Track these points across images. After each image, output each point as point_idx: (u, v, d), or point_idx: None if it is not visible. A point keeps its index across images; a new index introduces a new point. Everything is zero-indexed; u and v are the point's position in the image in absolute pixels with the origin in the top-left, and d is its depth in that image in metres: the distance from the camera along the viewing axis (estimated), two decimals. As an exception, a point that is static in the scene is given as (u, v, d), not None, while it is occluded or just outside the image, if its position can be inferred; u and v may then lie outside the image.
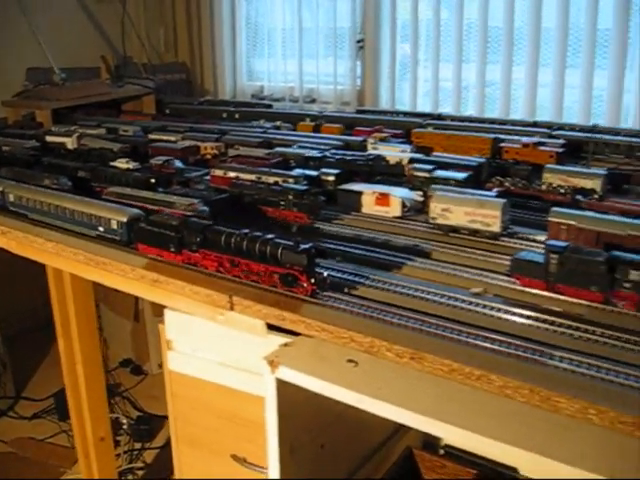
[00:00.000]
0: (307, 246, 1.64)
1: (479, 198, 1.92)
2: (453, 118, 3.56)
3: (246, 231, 1.74)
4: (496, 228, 1.88)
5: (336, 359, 1.58)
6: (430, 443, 2.31)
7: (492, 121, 3.40)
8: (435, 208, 1.96)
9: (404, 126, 3.18)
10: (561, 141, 2.82)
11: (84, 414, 2.93)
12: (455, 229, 1.95)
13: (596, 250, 1.54)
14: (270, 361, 1.60)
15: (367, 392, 1.45)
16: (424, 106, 4.28)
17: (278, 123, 3.43)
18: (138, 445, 3.81)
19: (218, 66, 5.00)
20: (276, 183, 2.22)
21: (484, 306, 1.54)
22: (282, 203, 2.10)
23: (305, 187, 2.11)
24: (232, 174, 2.34)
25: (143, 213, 2.04)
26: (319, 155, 2.54)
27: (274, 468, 1.74)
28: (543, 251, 1.59)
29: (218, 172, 2.41)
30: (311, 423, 1.82)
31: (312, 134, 3.20)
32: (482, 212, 1.88)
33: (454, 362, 1.34)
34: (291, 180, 2.23)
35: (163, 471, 3.51)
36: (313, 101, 4.67)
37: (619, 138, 2.91)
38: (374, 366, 1.54)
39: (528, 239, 1.91)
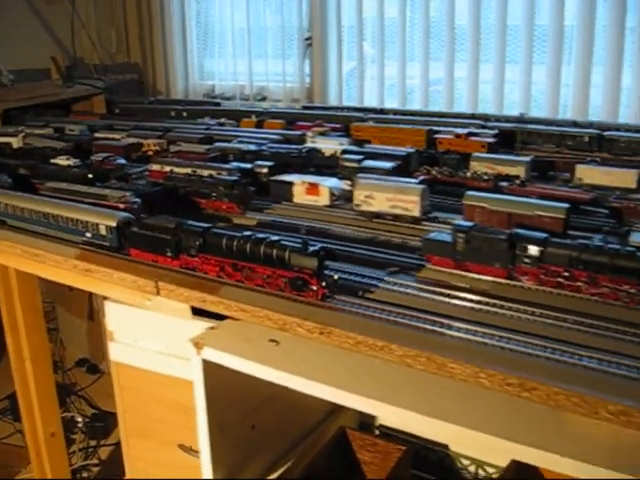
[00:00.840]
0: (317, 248, 1.56)
1: (399, 185, 2.01)
2: (395, 112, 3.65)
3: (249, 233, 1.67)
4: (416, 213, 1.96)
5: (259, 339, 1.65)
6: (366, 423, 2.38)
7: (432, 114, 3.50)
8: (359, 195, 2.03)
9: (344, 120, 3.25)
10: (493, 132, 2.92)
11: (34, 410, 2.95)
12: (378, 215, 2.03)
13: (499, 229, 1.62)
14: (195, 343, 1.67)
15: (284, 368, 1.52)
16: (371, 102, 4.36)
17: (222, 120, 3.49)
18: (93, 442, 3.83)
19: (170, 66, 5.04)
20: (210, 176, 2.28)
21: (395, 284, 1.62)
22: (214, 194, 2.16)
23: (235, 178, 2.17)
24: (168, 168, 2.40)
25: (134, 217, 1.96)
26: (255, 149, 2.61)
27: (204, 448, 1.80)
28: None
29: (155, 167, 2.46)
30: (241, 404, 1.88)
31: (254, 129, 3.27)
32: (402, 198, 1.96)
33: (359, 335, 1.41)
34: (224, 172, 2.29)
35: (118, 467, 3.54)
36: (264, 99, 4.73)
37: (548, 128, 3.01)
38: (294, 345, 1.61)
39: (447, 223, 1.99)
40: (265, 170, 2.38)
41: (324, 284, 1.55)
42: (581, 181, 2.35)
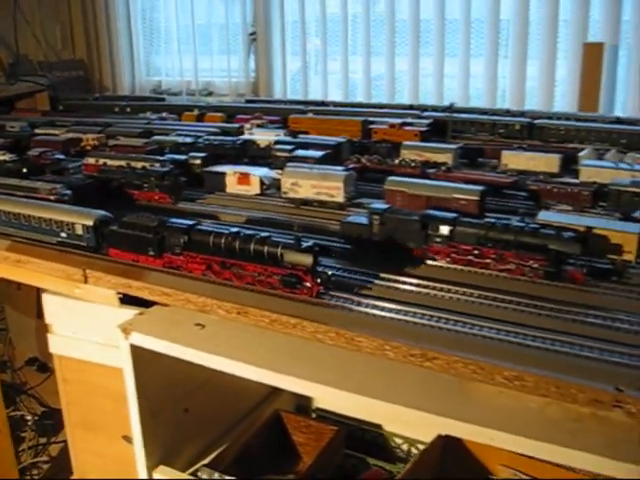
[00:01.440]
0: (310, 244, 1.52)
1: (324, 172, 2.06)
2: (336, 104, 3.71)
3: (237, 230, 1.62)
4: (340, 199, 2.01)
5: (185, 323, 1.69)
6: (302, 407, 2.44)
7: (371, 106, 3.57)
8: (285, 183, 2.08)
9: (283, 113, 3.30)
10: (427, 121, 2.99)
11: (-21, 408, 2.95)
12: (305, 201, 2.08)
13: (412, 211, 1.68)
14: (123, 328, 1.71)
15: (207, 349, 1.57)
16: (317, 96, 4.41)
17: (164, 114, 3.52)
18: (43, 440, 3.82)
19: (116, 62, 5.04)
20: (143, 168, 2.31)
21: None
22: (145, 185, 2.19)
23: (166, 169, 2.21)
24: (102, 161, 2.42)
25: (111, 215, 1.89)
26: (190, 141, 2.64)
27: (137, 433, 1.84)
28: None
29: (90, 160, 2.49)
30: (173, 388, 1.91)
31: (194, 123, 3.31)
32: (327, 184, 2.01)
33: (273, 313, 1.46)
34: (157, 164, 2.32)
35: (67, 464, 3.55)
36: (210, 94, 4.76)
37: (480, 117, 3.10)
38: (219, 327, 1.66)
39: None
40: (198, 161, 2.41)
41: (319, 281, 1.51)
42: (507, 166, 2.43)
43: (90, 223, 1.85)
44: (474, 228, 1.57)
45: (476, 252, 1.57)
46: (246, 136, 2.77)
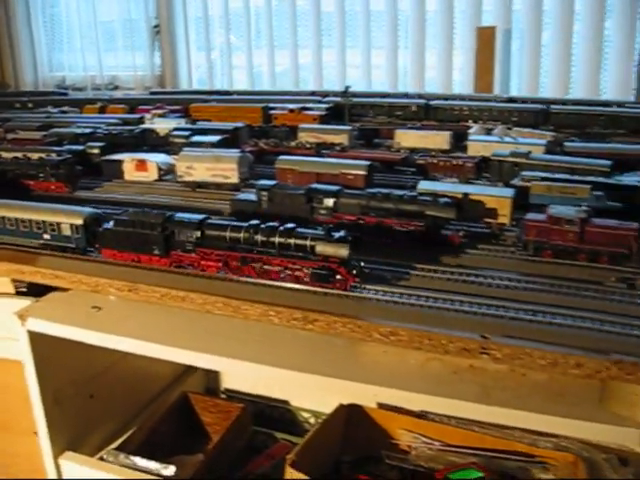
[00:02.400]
0: (344, 234, 1.42)
1: (218, 154, 2.10)
2: (240, 93, 3.75)
3: (256, 222, 1.50)
4: (235, 180, 2.05)
5: (82, 307, 1.71)
6: (212, 388, 2.48)
7: (275, 93, 3.63)
8: (180, 167, 2.11)
9: (185, 103, 3.31)
10: (326, 106, 3.07)
11: None
12: (200, 184, 2.11)
13: (298, 186, 1.74)
14: (20, 315, 1.71)
15: (103, 330, 1.60)
16: (222, 87, 4.44)
17: (65, 108, 3.49)
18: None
19: (17, 59, 4.95)
20: (40, 158, 2.29)
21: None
22: (41, 175, 2.19)
23: (60, 159, 2.20)
24: (-2, 154, 2.40)
25: (101, 212, 1.76)
26: (89, 132, 2.64)
27: (40, 421, 1.84)
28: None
29: (-15, 153, 2.45)
30: (76, 374, 1.93)
31: (95, 115, 3.29)
32: (221, 166, 2.05)
33: (163, 288, 1.50)
34: (53, 155, 2.31)
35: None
36: (116, 88, 4.73)
37: (378, 100, 3.20)
38: (115, 309, 1.69)
39: (266, 187, 2.09)
40: (96, 151, 2.41)
41: (354, 272, 1.42)
42: (400, 145, 2.52)
43: (79, 222, 1.70)
44: (356, 199, 1.64)
45: (360, 221, 1.64)
46: (145, 125, 2.78)
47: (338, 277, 1.40)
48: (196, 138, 2.41)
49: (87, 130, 2.67)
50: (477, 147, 2.30)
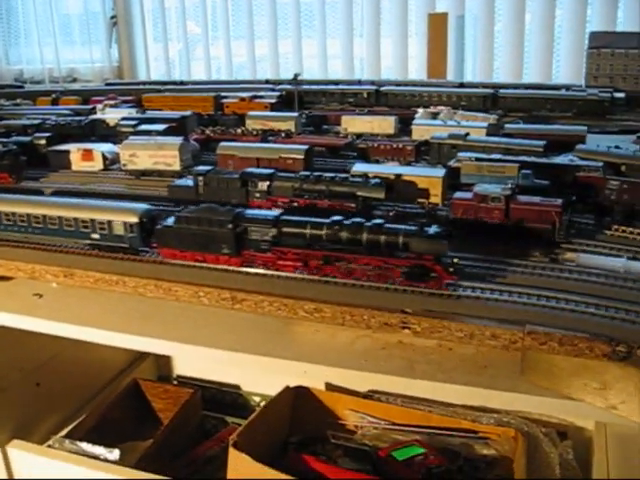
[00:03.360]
0: (439, 229, 1.34)
1: (160, 142, 2.11)
2: (195, 83, 3.76)
3: (340, 218, 1.39)
4: (177, 167, 2.07)
5: (24, 294, 1.72)
6: (164, 376, 2.50)
7: (230, 82, 3.64)
8: (124, 155, 2.12)
9: (138, 93, 3.32)
10: (277, 93, 3.09)
11: None
12: (144, 172, 2.12)
13: (233, 170, 1.77)
14: (-42, 305, 1.72)
15: (44, 316, 1.61)
16: (180, 76, 4.45)
17: (18, 100, 3.48)
18: None
19: (-27, 53, 4.91)
20: (-16, 150, 2.29)
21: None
22: (-16, 167, 2.19)
23: (3, 150, 2.20)
24: (-59, 147, 2.39)
25: (155, 208, 1.65)
26: (37, 123, 2.63)
27: (-16, 409, 1.85)
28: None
29: None
30: (22, 362, 1.94)
31: (47, 107, 3.28)
32: (163, 153, 2.06)
33: (96, 273, 1.52)
34: (2, 147, 2.30)
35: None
36: (74, 80, 4.71)
37: (329, 87, 3.23)
38: (56, 296, 1.70)
39: (209, 174, 2.11)
40: (43, 142, 2.41)
41: (451, 270, 1.33)
42: (346, 130, 2.55)
43: (134, 220, 1.57)
44: (290, 182, 1.66)
45: (293, 203, 1.66)
46: (95, 116, 2.78)
47: (435, 275, 1.32)
48: (143, 127, 2.42)
49: (35, 121, 2.67)
50: (421, 131, 2.34)
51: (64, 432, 2.00)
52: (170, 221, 1.51)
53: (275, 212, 1.48)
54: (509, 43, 3.90)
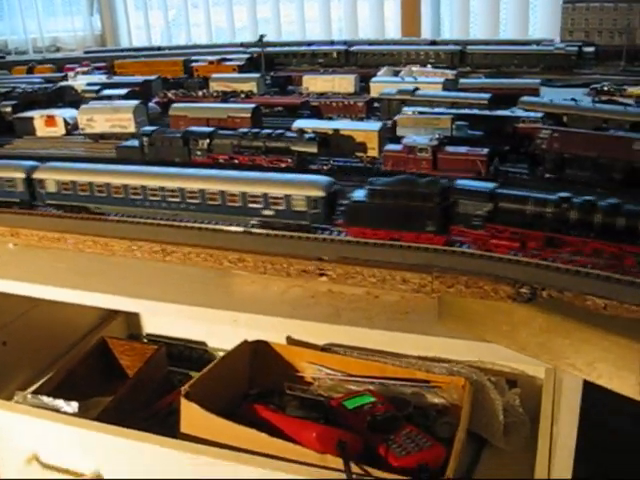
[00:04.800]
0: None
1: (115, 105, 2.15)
2: (172, 48, 3.79)
3: (568, 195, 1.23)
4: (132, 129, 2.11)
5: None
6: (134, 334, 2.56)
7: (205, 47, 3.67)
8: (82, 119, 2.17)
9: (111, 60, 3.35)
10: (246, 56, 3.12)
11: None
12: (102, 135, 2.17)
13: (177, 130, 1.81)
14: None
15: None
16: (162, 43, 4.47)
17: (-6, 70, 3.53)
18: None
19: (-44, 25, 4.94)
20: (-52, 119, 2.35)
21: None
22: (-52, 135, 2.24)
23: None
24: None
25: (335, 181, 1.47)
26: (5, 91, 2.68)
27: (-51, 367, 1.92)
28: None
29: None
30: (-15, 322, 2.00)
31: (21, 76, 3.33)
32: (118, 116, 2.11)
33: (40, 231, 1.58)
34: (-40, 114, 2.36)
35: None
36: (57, 50, 4.74)
37: (297, 48, 3.26)
38: (11, 257, 1.76)
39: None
40: (9, 109, 2.46)
41: None
42: (308, 90, 2.58)
43: (320, 194, 1.40)
44: (229, 139, 1.71)
45: (233, 160, 1.71)
46: (64, 83, 2.82)
47: None
48: (106, 92, 2.47)
49: (3, 90, 2.71)
50: (378, 88, 2.36)
51: (32, 389, 2.06)
52: (360, 195, 1.38)
53: (490, 185, 1.32)
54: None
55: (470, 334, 1.29)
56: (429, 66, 2.95)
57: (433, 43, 3.32)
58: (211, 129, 1.76)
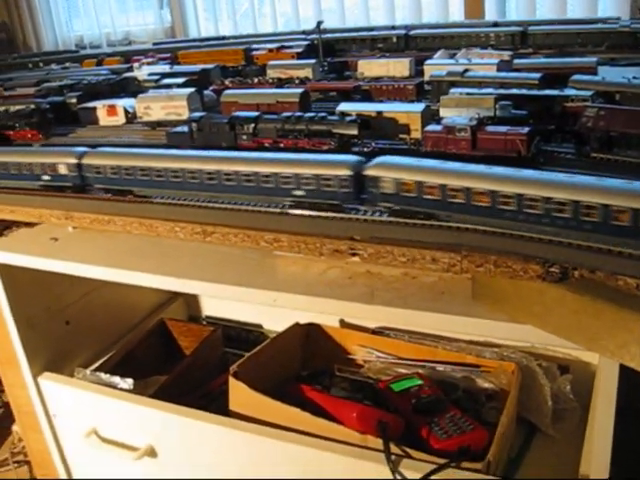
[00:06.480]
0: None
1: (169, 93, 2.21)
2: (237, 37, 3.85)
3: None
4: (186, 116, 2.16)
5: (42, 239, 1.89)
6: (194, 316, 2.65)
7: (265, 35, 3.73)
8: (139, 108, 2.24)
9: (175, 50, 3.43)
10: (305, 43, 3.14)
11: None
12: (159, 123, 2.23)
13: (223, 115, 1.86)
14: (-15, 250, 1.90)
15: (58, 257, 1.77)
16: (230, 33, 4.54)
17: (67, 64, 3.66)
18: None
19: (36, 22, 5.14)
20: (17, 110, 2.45)
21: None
22: (17, 125, 2.35)
23: (32, 109, 2.36)
24: (-18, 109, 2.57)
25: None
26: (72, 83, 2.79)
27: (17, 344, 2.04)
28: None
29: (-25, 110, 2.63)
30: (49, 302, 2.11)
31: (90, 68, 3.44)
32: (173, 104, 2.17)
33: (92, 214, 1.65)
34: (32, 106, 2.46)
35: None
36: (129, 43, 4.88)
37: (356, 34, 3.26)
38: (70, 239, 1.86)
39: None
40: (74, 100, 2.56)
41: None
42: (363, 75, 2.58)
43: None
44: (272, 123, 1.74)
45: (278, 144, 1.74)
46: (128, 74, 2.91)
47: None
48: (165, 81, 2.53)
49: (69, 82, 2.82)
50: (432, 70, 2.35)
51: (93, 367, 2.16)
52: None
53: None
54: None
55: (504, 315, 1.29)
56: (489, 48, 2.90)
57: (495, 25, 3.26)
58: (256, 114, 1.79)
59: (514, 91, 1.84)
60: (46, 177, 1.79)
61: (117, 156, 1.70)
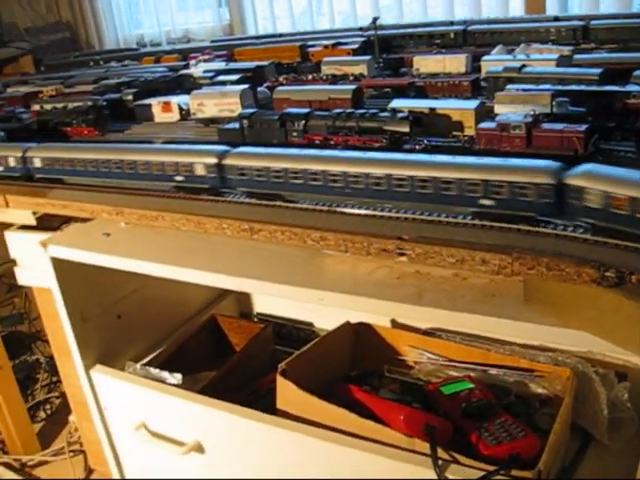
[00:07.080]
0: None
1: (223, 90, 2.22)
2: (292, 34, 3.85)
3: None
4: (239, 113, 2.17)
5: (95, 234, 1.92)
6: (245, 313, 2.65)
7: (321, 32, 3.71)
8: (193, 105, 2.25)
9: (232, 47, 3.45)
10: (361, 39, 3.11)
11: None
12: (212, 120, 2.24)
13: (274, 112, 1.85)
14: (42, 243, 1.93)
15: (109, 252, 1.79)
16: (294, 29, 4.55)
17: (126, 62, 3.71)
18: (55, 378, 4.12)
19: (98, 20, 5.24)
20: (75, 107, 2.49)
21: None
22: (74, 122, 2.39)
23: (89, 105, 2.39)
24: (43, 106, 2.62)
25: None
26: (128, 80, 2.82)
27: (70, 337, 2.07)
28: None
29: (35, 107, 2.69)
30: (102, 297, 2.14)
31: (148, 66, 3.48)
32: (226, 101, 2.17)
33: (139, 210, 1.66)
34: (89, 103, 2.50)
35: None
36: (188, 41, 4.92)
37: (412, 30, 3.21)
38: (122, 235, 1.87)
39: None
40: (130, 97, 2.59)
41: None
42: (418, 71, 2.54)
43: None
44: (323, 120, 1.72)
45: (329, 141, 1.72)
46: (184, 71, 2.93)
47: None
48: (219, 78, 2.54)
49: (126, 79, 2.86)
50: (489, 66, 2.30)
51: (143, 361, 2.18)
52: None
53: None
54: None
55: (556, 320, 1.24)
56: (549, 44, 2.83)
57: (556, 19, 3.17)
58: (307, 110, 1.78)
59: (572, 87, 1.78)
60: (179, 178, 1.72)
61: (264, 157, 1.58)
